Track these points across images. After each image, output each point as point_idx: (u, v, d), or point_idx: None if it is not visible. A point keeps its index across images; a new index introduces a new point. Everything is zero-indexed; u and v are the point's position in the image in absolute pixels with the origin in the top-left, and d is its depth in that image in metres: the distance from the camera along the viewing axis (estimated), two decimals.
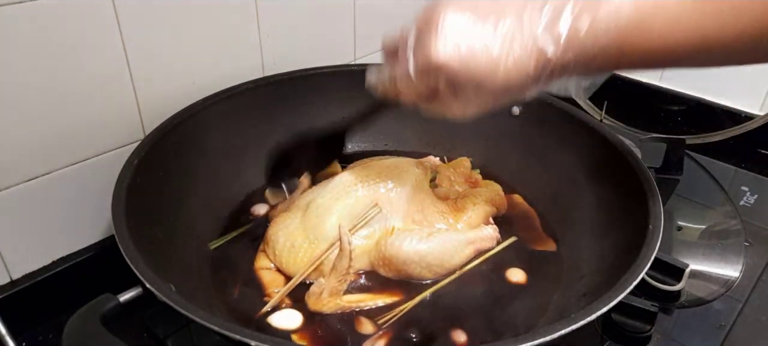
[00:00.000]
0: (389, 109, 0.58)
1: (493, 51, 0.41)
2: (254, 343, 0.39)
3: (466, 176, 0.73)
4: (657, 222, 0.53)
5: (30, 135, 0.57)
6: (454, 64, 0.42)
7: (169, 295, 0.43)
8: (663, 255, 0.66)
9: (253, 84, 0.74)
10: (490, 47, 0.41)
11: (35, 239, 0.62)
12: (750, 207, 0.82)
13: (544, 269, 0.63)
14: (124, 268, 0.46)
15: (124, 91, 0.63)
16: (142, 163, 0.58)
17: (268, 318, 0.56)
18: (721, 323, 0.62)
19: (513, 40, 0.41)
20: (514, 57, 0.41)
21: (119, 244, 0.48)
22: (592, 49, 0.41)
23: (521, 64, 0.42)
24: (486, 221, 0.67)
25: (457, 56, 0.42)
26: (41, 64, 0.56)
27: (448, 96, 0.45)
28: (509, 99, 0.46)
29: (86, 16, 0.57)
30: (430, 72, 0.44)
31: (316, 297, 0.57)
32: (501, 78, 0.42)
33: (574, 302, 0.55)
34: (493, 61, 0.41)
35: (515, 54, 0.41)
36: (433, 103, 0.48)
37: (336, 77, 0.80)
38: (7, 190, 0.58)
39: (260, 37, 0.75)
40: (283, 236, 0.62)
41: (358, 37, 0.90)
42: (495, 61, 0.41)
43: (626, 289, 0.45)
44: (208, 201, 0.67)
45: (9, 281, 0.61)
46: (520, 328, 0.56)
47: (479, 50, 0.42)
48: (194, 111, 0.67)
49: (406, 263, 0.60)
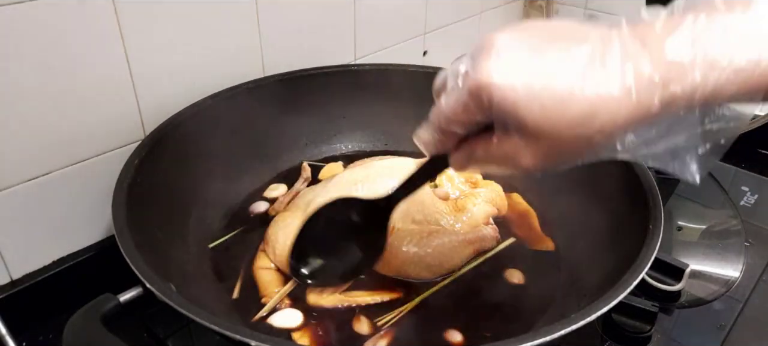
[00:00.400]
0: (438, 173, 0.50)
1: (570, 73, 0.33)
2: (254, 343, 0.39)
3: (466, 176, 0.73)
4: (657, 222, 0.52)
5: (30, 135, 0.57)
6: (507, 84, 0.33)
7: (169, 295, 0.43)
8: (663, 255, 0.66)
9: (253, 84, 0.74)
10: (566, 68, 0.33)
11: (35, 239, 0.62)
12: (750, 207, 0.82)
13: (544, 270, 0.63)
14: (124, 268, 0.46)
15: (124, 91, 0.63)
16: (142, 163, 0.58)
17: (268, 318, 0.56)
18: (721, 323, 0.62)
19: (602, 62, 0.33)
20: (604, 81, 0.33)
21: (119, 244, 0.48)
22: (722, 74, 0.32)
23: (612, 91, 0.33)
24: (486, 222, 0.67)
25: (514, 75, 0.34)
26: (41, 64, 0.56)
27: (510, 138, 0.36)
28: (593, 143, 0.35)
29: (87, 16, 0.57)
30: (480, 96, 0.34)
31: (318, 291, 0.57)
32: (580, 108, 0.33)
33: (574, 302, 0.55)
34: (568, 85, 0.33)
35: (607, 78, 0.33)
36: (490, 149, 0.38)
37: (336, 77, 0.80)
38: (7, 190, 0.58)
39: (260, 37, 0.75)
40: (282, 236, 0.62)
41: (358, 37, 0.90)
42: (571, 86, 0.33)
43: (626, 289, 0.45)
44: (208, 201, 0.67)
45: (9, 281, 0.61)
46: (519, 328, 0.56)
47: (548, 71, 0.33)
48: (194, 111, 0.67)
49: (406, 263, 0.60)
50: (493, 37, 0.35)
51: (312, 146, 0.81)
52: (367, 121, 0.83)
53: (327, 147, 0.82)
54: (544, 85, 0.33)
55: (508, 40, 0.35)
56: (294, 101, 0.78)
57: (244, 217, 0.70)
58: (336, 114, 0.82)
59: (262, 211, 0.70)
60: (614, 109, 0.33)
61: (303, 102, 0.79)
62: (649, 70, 0.32)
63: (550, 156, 0.36)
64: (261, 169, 0.76)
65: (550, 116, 0.33)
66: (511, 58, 0.34)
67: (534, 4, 1.29)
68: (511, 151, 0.37)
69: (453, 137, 0.40)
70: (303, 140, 0.80)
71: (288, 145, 0.79)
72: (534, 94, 0.33)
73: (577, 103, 0.33)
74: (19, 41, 0.53)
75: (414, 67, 0.83)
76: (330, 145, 0.82)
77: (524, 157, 0.36)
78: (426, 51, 1.05)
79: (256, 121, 0.74)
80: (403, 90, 0.82)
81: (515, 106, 0.33)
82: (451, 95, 0.37)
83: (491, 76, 0.34)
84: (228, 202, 0.71)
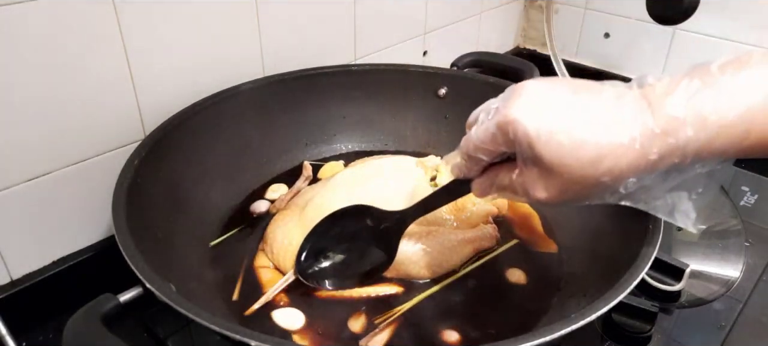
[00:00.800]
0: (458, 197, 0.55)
1: (587, 121, 0.38)
2: (254, 343, 0.39)
3: None
4: (657, 222, 0.52)
5: (30, 135, 0.57)
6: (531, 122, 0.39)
7: (169, 295, 0.43)
8: (663, 255, 0.66)
9: (253, 84, 0.74)
10: (583, 117, 0.38)
11: (35, 239, 0.62)
12: (750, 207, 0.82)
13: (545, 270, 0.63)
14: (124, 268, 0.46)
15: (124, 91, 0.63)
16: (142, 163, 0.57)
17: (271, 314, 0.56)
18: (721, 323, 0.62)
19: (616, 115, 0.38)
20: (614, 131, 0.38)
21: (119, 244, 0.48)
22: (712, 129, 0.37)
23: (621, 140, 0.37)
24: (486, 221, 0.67)
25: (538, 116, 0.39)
26: (41, 64, 0.56)
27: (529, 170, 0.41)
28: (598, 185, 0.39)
29: (87, 16, 0.57)
30: (506, 129, 0.40)
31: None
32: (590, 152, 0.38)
33: (574, 302, 0.55)
34: (583, 131, 0.38)
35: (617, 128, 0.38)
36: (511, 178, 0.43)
37: (336, 77, 0.80)
38: (7, 190, 0.58)
39: (260, 37, 0.75)
40: (281, 235, 0.62)
41: (358, 37, 0.90)
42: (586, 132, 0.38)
43: (626, 289, 0.45)
44: (208, 201, 0.67)
45: (9, 281, 0.61)
46: (520, 328, 0.56)
47: (568, 117, 0.38)
48: (194, 111, 0.67)
49: (405, 262, 0.60)
50: (525, 83, 0.41)
51: (312, 146, 0.81)
52: (367, 121, 0.83)
53: (327, 147, 0.82)
54: (562, 128, 0.38)
55: (536, 87, 0.40)
56: (294, 101, 0.78)
57: (244, 216, 0.70)
58: (336, 114, 0.82)
59: (262, 210, 0.70)
60: (620, 155, 0.38)
61: (303, 102, 0.79)
62: (651, 124, 0.37)
63: (562, 192, 0.41)
64: (261, 169, 0.76)
65: (564, 155, 0.38)
66: (536, 102, 0.39)
67: (534, 4, 1.29)
68: (528, 182, 0.42)
69: (478, 163, 0.45)
70: (303, 140, 0.80)
71: (288, 145, 0.79)
72: (552, 134, 0.38)
73: (589, 147, 0.38)
74: (19, 41, 0.53)
75: (414, 67, 0.83)
76: (330, 145, 0.82)
77: (539, 190, 0.41)
78: (426, 51, 1.05)
79: (256, 121, 0.74)
80: (404, 90, 0.83)
81: (536, 142, 0.39)
82: (481, 127, 0.43)
83: (518, 113, 0.39)
84: (228, 202, 0.71)
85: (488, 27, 1.21)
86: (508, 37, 1.32)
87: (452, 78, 0.82)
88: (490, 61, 0.93)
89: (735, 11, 1.01)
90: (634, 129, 0.37)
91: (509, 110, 0.40)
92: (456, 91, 0.81)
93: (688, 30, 1.07)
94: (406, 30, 0.99)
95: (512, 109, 0.39)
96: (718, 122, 0.37)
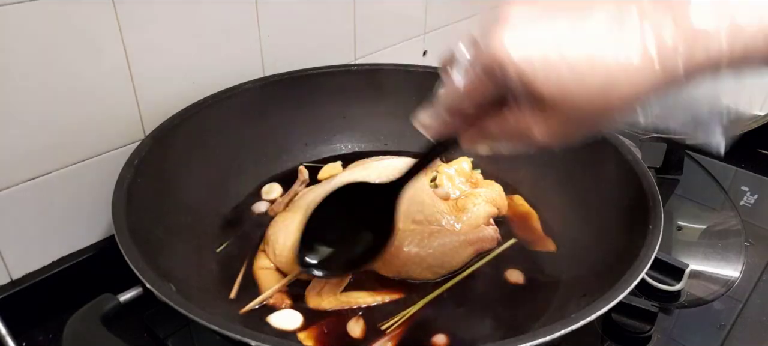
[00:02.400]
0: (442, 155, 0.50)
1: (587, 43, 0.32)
2: (254, 343, 0.39)
3: (466, 176, 0.73)
4: (657, 222, 0.52)
5: (30, 135, 0.57)
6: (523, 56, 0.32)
7: (169, 295, 0.43)
8: (663, 255, 0.66)
9: (253, 84, 0.74)
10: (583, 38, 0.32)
11: (35, 239, 0.62)
12: (750, 207, 0.82)
13: (544, 270, 0.63)
14: (124, 268, 0.46)
15: (124, 91, 0.63)
16: (142, 163, 0.58)
17: (268, 318, 0.56)
18: (721, 323, 0.62)
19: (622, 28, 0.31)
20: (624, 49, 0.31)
21: (119, 244, 0.48)
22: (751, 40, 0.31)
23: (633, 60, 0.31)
24: (486, 222, 0.67)
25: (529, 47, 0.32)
26: (41, 63, 0.56)
27: (524, 112, 0.35)
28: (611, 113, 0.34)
29: (86, 16, 0.57)
30: (494, 70, 0.33)
31: (316, 292, 0.57)
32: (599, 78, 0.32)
33: (574, 302, 0.55)
34: (586, 55, 0.32)
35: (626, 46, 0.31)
36: (504, 125, 0.36)
37: (336, 77, 0.80)
38: (7, 190, 0.58)
39: (260, 37, 0.75)
40: (282, 236, 0.62)
41: (358, 37, 0.90)
42: (589, 56, 0.31)
43: (626, 289, 0.45)
44: (208, 201, 0.67)
45: (9, 281, 0.61)
46: (520, 328, 0.56)
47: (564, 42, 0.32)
48: (194, 111, 0.67)
49: (407, 264, 0.60)
50: (505, 8, 0.34)
51: (312, 146, 0.81)
52: (367, 121, 0.83)
53: (327, 147, 0.82)
54: (561, 56, 0.32)
55: (520, 11, 0.33)
56: (294, 101, 0.78)
57: (244, 217, 0.70)
58: (336, 114, 0.82)
59: (262, 211, 0.70)
60: (635, 78, 0.32)
61: (303, 102, 0.79)
62: (672, 38, 0.31)
63: (567, 129, 0.35)
64: (261, 169, 0.76)
65: (568, 88, 0.32)
66: (525, 30, 0.33)
67: None
68: (525, 125, 0.35)
69: (462, 116, 0.38)
70: (303, 140, 0.80)
71: (288, 146, 0.79)
72: (550, 67, 0.32)
73: (596, 73, 0.32)
74: (19, 41, 0.53)
75: (414, 67, 0.83)
76: (330, 146, 0.82)
77: (539, 132, 0.35)
78: (426, 51, 1.05)
79: (256, 121, 0.74)
80: (404, 90, 0.82)
81: (532, 80, 0.32)
82: (462, 72, 0.36)
83: (506, 49, 0.32)
84: (228, 202, 0.71)
85: None
86: None
87: None
88: None
89: None
90: (648, 45, 0.31)
91: (495, 48, 0.32)
92: None
93: None
94: (406, 30, 0.99)
95: (498, 46, 0.32)
96: (759, 27, 0.30)
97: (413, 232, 0.61)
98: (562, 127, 0.34)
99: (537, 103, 0.33)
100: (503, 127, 0.37)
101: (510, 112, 0.35)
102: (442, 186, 0.71)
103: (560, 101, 0.33)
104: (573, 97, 0.32)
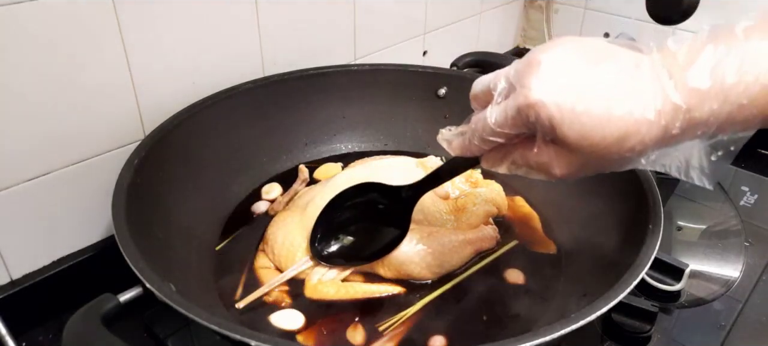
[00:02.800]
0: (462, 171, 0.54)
1: (609, 97, 0.36)
2: (254, 343, 0.39)
3: (466, 176, 0.73)
4: (657, 222, 0.52)
5: (30, 135, 0.57)
6: (554, 104, 0.37)
7: (169, 295, 0.43)
8: (663, 255, 0.66)
9: (253, 84, 0.74)
10: (605, 92, 0.36)
11: (35, 239, 0.62)
12: (750, 207, 0.82)
13: (544, 270, 0.63)
14: (124, 268, 0.46)
15: (124, 91, 0.63)
16: (142, 163, 0.57)
17: (269, 317, 0.56)
18: (721, 323, 0.62)
19: (636, 87, 0.36)
20: (638, 106, 0.36)
21: (119, 244, 0.48)
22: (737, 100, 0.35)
23: (647, 116, 0.36)
24: (486, 222, 0.67)
25: (560, 96, 0.37)
26: (41, 63, 0.56)
27: (548, 149, 0.40)
28: (622, 159, 0.39)
29: (86, 16, 0.57)
30: (527, 113, 0.38)
31: (317, 280, 0.58)
32: (616, 130, 0.36)
33: (574, 302, 0.55)
34: (607, 108, 0.36)
35: (640, 103, 0.36)
36: (527, 156, 0.41)
37: (336, 77, 0.80)
38: (7, 190, 0.58)
39: (260, 37, 0.75)
40: (281, 235, 0.62)
41: (358, 37, 0.90)
42: (610, 109, 0.36)
43: (626, 289, 0.45)
44: (208, 201, 0.67)
45: (9, 281, 0.61)
46: (520, 328, 0.56)
47: (590, 94, 0.36)
48: (194, 111, 0.67)
49: (406, 263, 0.60)
50: (538, 56, 0.38)
51: (312, 146, 0.81)
52: (367, 121, 0.83)
53: (327, 147, 0.82)
54: (586, 108, 0.36)
55: (552, 60, 0.38)
56: (294, 101, 0.78)
57: (244, 217, 0.70)
58: (336, 114, 0.82)
59: (263, 211, 0.70)
60: (645, 132, 0.36)
61: (303, 102, 0.79)
62: (673, 97, 0.36)
63: (582, 167, 0.40)
64: (261, 170, 0.76)
65: (590, 136, 0.37)
66: (556, 79, 0.37)
67: (534, 4, 1.29)
68: (546, 160, 0.40)
69: (492, 145, 0.43)
70: (303, 140, 0.80)
71: (288, 146, 0.79)
72: (576, 115, 0.36)
73: (613, 125, 0.36)
74: (19, 41, 0.53)
75: (414, 67, 0.83)
76: (330, 146, 0.82)
77: (559, 167, 0.40)
78: (426, 51, 1.05)
79: (256, 121, 0.74)
80: (403, 90, 0.82)
81: (560, 124, 0.37)
82: (497, 109, 0.40)
83: (539, 95, 0.37)
84: (228, 202, 0.71)
85: (488, 27, 1.21)
86: (507, 37, 1.32)
87: (452, 78, 0.82)
88: (489, 61, 0.93)
89: (734, 11, 1.01)
90: (656, 102, 0.36)
91: (530, 92, 0.37)
92: (456, 91, 0.81)
93: (687, 30, 1.06)
94: (406, 30, 0.99)
95: (532, 91, 0.37)
96: (744, 93, 0.35)
97: (413, 231, 0.61)
98: (579, 166, 0.40)
99: (562, 145, 0.38)
100: (526, 158, 0.42)
101: (535, 147, 0.40)
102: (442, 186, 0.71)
103: (582, 146, 0.37)
104: (593, 144, 0.37)
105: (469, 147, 0.44)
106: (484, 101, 0.42)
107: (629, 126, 0.36)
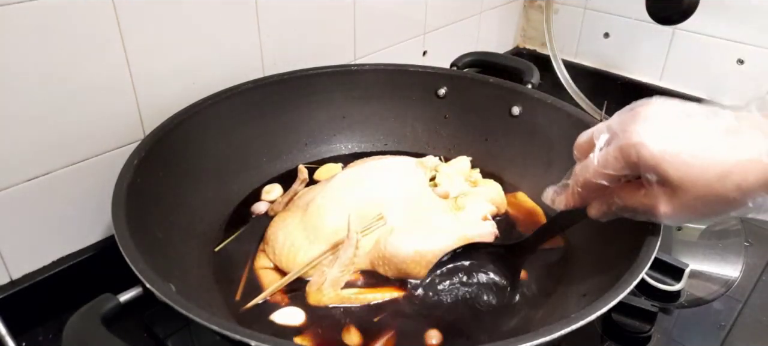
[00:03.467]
0: (570, 226, 0.57)
1: (710, 138, 0.40)
2: (254, 343, 0.39)
3: (465, 175, 0.73)
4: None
5: (30, 135, 0.57)
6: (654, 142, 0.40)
7: (169, 295, 0.43)
8: (663, 255, 0.67)
9: (253, 84, 0.74)
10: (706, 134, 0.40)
11: (35, 239, 0.62)
12: None
13: (544, 269, 0.63)
14: (124, 268, 0.46)
15: (124, 91, 0.63)
16: (142, 163, 0.57)
17: (271, 316, 0.56)
18: (721, 323, 0.62)
19: (737, 133, 0.39)
20: (740, 147, 0.39)
21: (119, 244, 0.48)
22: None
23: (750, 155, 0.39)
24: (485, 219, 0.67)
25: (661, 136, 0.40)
26: (41, 63, 0.56)
27: (652, 189, 0.42)
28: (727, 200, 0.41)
29: (86, 16, 0.57)
30: (629, 152, 0.41)
31: (317, 288, 0.57)
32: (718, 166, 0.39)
33: (574, 302, 0.55)
34: (708, 147, 0.40)
35: (742, 144, 0.39)
36: (632, 198, 0.45)
37: (336, 77, 0.80)
38: (7, 190, 0.58)
39: (260, 37, 0.75)
40: (282, 236, 0.62)
41: (358, 37, 0.90)
42: (711, 147, 0.40)
43: (626, 289, 0.45)
44: (208, 201, 0.67)
45: (9, 281, 0.61)
46: (519, 328, 0.56)
47: (690, 136, 0.40)
48: (194, 111, 0.67)
49: (406, 262, 0.60)
50: (640, 107, 0.42)
51: (312, 146, 0.81)
52: (367, 121, 0.83)
53: (327, 147, 0.82)
54: (687, 148, 0.40)
55: (653, 110, 0.42)
56: (294, 101, 0.78)
57: (244, 217, 0.70)
58: (336, 114, 0.82)
59: (263, 211, 0.70)
60: (747, 170, 0.39)
61: (303, 102, 0.79)
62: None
63: (687, 208, 0.42)
64: (261, 169, 0.76)
65: (691, 173, 0.40)
66: (657, 124, 0.41)
67: (533, 4, 1.30)
68: (650, 201, 0.43)
69: (595, 190, 0.46)
70: (303, 140, 0.80)
71: (288, 146, 0.79)
72: (677, 154, 0.40)
73: (715, 163, 0.39)
74: (19, 41, 0.53)
75: (414, 67, 0.83)
76: (330, 146, 0.82)
77: (663, 206, 0.42)
78: (426, 51, 1.05)
79: (256, 121, 0.74)
80: (403, 90, 0.83)
81: (661, 162, 0.40)
82: (601, 153, 0.44)
83: (641, 136, 0.41)
84: (228, 202, 0.71)
85: (488, 27, 1.21)
86: (507, 37, 1.32)
87: (452, 78, 0.82)
88: (489, 61, 0.93)
89: (734, 11, 1.01)
90: (759, 145, 0.39)
91: (632, 135, 0.41)
92: (456, 91, 0.81)
93: (687, 30, 1.07)
94: (406, 30, 0.99)
95: (635, 134, 0.41)
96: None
97: (412, 231, 0.61)
98: (682, 206, 0.42)
99: (665, 185, 0.41)
100: (630, 201, 0.45)
101: (641, 190, 0.43)
102: (441, 185, 0.71)
103: (685, 184, 0.40)
104: (695, 181, 0.40)
105: (573, 196, 0.48)
106: (586, 151, 0.46)
107: (730, 164, 0.39)
